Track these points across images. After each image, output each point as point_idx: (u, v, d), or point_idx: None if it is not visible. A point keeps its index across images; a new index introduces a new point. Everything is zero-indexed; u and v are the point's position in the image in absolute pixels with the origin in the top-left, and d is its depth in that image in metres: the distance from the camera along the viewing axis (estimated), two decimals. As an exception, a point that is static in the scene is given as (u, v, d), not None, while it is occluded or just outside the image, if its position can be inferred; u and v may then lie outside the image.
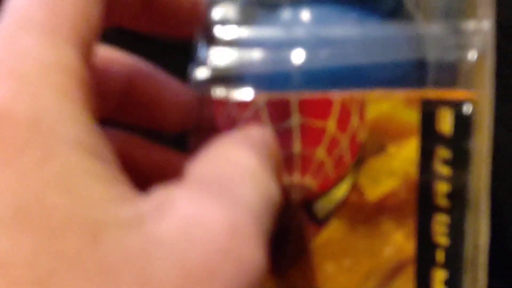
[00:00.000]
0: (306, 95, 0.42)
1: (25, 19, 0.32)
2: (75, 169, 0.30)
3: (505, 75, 0.60)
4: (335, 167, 0.42)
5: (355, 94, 0.42)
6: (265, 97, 0.42)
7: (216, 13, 0.43)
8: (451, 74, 0.41)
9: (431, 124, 0.41)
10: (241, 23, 0.43)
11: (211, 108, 0.42)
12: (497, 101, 0.60)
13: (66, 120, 0.30)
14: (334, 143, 0.42)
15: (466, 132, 0.41)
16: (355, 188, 0.43)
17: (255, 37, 0.43)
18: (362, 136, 0.42)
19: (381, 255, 0.43)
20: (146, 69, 0.44)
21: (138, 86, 0.44)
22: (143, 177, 0.39)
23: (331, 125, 0.42)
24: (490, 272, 0.61)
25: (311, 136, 0.42)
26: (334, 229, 0.43)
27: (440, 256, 0.42)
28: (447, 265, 0.42)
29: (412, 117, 0.42)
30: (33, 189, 0.29)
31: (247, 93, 0.42)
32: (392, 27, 0.42)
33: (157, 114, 0.44)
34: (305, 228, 0.43)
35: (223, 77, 0.42)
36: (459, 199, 0.42)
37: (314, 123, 0.42)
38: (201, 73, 0.42)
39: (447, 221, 0.42)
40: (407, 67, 0.42)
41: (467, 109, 0.41)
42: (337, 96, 0.42)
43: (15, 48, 0.31)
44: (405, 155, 0.42)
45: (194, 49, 0.43)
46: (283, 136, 0.42)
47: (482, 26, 0.41)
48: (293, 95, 0.42)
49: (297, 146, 0.42)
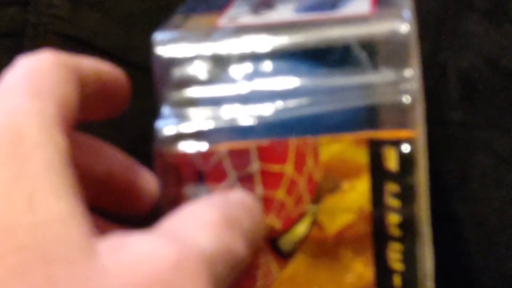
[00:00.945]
0: (264, 142, 0.46)
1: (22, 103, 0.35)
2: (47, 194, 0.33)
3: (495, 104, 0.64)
4: (295, 206, 0.46)
5: (309, 139, 0.46)
6: (226, 147, 0.46)
7: (176, 73, 0.47)
8: (393, 116, 0.45)
9: (379, 162, 0.45)
10: (200, 82, 0.47)
11: (175, 164, 0.46)
12: (484, 128, 0.64)
13: (46, 147, 0.34)
14: (292, 184, 0.46)
15: (410, 167, 0.45)
16: (315, 224, 0.46)
17: (213, 95, 0.46)
18: (317, 176, 0.46)
19: (343, 283, 0.47)
20: (124, 159, 0.48)
21: (117, 176, 0.47)
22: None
23: (288, 168, 0.46)
24: None
25: (271, 179, 0.46)
26: (299, 262, 0.47)
27: (397, 280, 0.46)
28: None
29: (361, 156, 0.46)
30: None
31: (209, 145, 0.46)
32: (341, 77, 0.46)
33: (132, 200, 0.48)
34: (273, 263, 0.47)
35: (186, 133, 0.46)
36: (409, 229, 0.46)
37: (273, 167, 0.46)
38: (166, 130, 0.46)
39: (401, 248, 0.46)
40: (355, 112, 0.46)
41: (408, 147, 0.45)
42: (292, 142, 0.46)
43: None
44: (358, 192, 0.46)
45: (158, 108, 0.46)
46: (246, 181, 0.46)
47: (414, 73, 0.45)
48: (251, 144, 0.46)
49: (259, 189, 0.46)
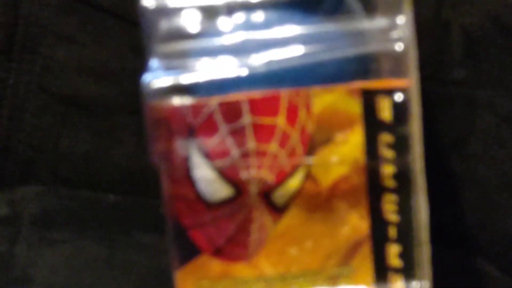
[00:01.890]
0: (255, 94, 0.45)
1: None
2: None
3: (498, 63, 0.63)
4: (289, 159, 0.46)
5: (301, 90, 0.45)
6: (216, 100, 0.45)
7: (164, 25, 0.46)
8: (386, 65, 0.44)
9: (372, 112, 0.45)
10: (188, 33, 0.46)
11: (165, 118, 0.45)
12: (487, 87, 0.64)
13: None
14: (285, 137, 0.45)
15: (403, 117, 0.44)
16: (309, 176, 0.46)
17: (203, 47, 0.46)
18: (310, 128, 0.45)
19: (339, 236, 0.47)
20: None
21: None
22: None
23: (281, 120, 0.45)
24: (481, 254, 0.65)
25: (263, 132, 0.45)
26: (294, 216, 0.47)
27: (392, 232, 0.46)
28: (399, 240, 0.46)
29: (355, 107, 0.45)
30: None
31: (199, 98, 0.45)
32: (333, 25, 0.46)
33: None
34: (267, 216, 0.47)
35: (176, 86, 0.45)
36: (404, 179, 0.45)
37: (265, 120, 0.45)
38: (155, 83, 0.45)
39: (396, 200, 0.45)
40: (348, 62, 0.45)
41: (402, 96, 0.44)
42: (284, 93, 0.45)
43: None
44: (352, 143, 0.45)
45: (147, 61, 0.46)
46: (238, 134, 0.45)
47: (407, 20, 0.44)
48: (242, 96, 0.45)
49: (251, 142, 0.45)
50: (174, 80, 0.45)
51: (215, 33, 0.46)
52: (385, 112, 0.44)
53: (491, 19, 0.63)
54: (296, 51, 0.45)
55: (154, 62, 0.46)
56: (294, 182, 0.46)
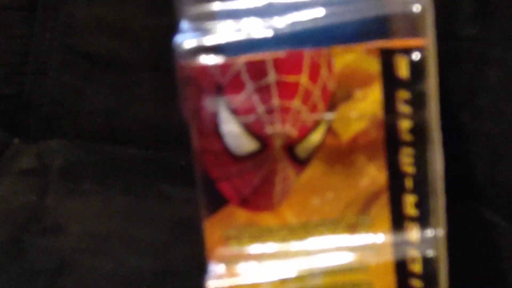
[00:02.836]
0: (279, 54, 0.47)
1: None
2: None
3: (509, 20, 0.64)
4: (311, 115, 0.48)
5: (323, 50, 0.47)
6: (243, 59, 0.47)
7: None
8: (404, 25, 0.47)
9: (390, 70, 0.47)
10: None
11: (195, 76, 0.48)
12: (497, 44, 0.65)
13: None
14: (307, 94, 0.48)
15: (420, 74, 0.47)
16: (330, 131, 0.49)
17: (231, 9, 0.48)
18: (331, 85, 0.48)
19: (358, 187, 0.49)
20: None
21: None
22: None
23: (303, 78, 0.48)
24: (489, 205, 0.67)
25: (287, 89, 0.48)
26: (315, 168, 0.49)
27: (409, 183, 0.49)
28: (415, 190, 0.49)
29: (373, 65, 0.47)
30: None
31: (227, 57, 0.48)
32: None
33: None
34: (290, 169, 0.49)
35: (205, 47, 0.48)
36: (420, 133, 0.48)
37: (289, 78, 0.48)
38: (186, 44, 0.48)
39: (412, 152, 0.48)
40: (367, 22, 0.47)
41: (419, 54, 0.46)
42: (307, 53, 0.47)
43: None
44: (371, 99, 0.48)
45: (177, 22, 0.48)
46: (263, 92, 0.48)
47: None
48: (267, 55, 0.47)
49: (275, 99, 0.48)
50: (204, 41, 0.47)
51: (242, -4, 0.48)
52: (402, 70, 0.47)
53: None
54: (317, 12, 0.47)
55: (184, 24, 0.48)
56: (316, 137, 0.49)
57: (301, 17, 0.47)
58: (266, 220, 0.50)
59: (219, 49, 0.48)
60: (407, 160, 0.48)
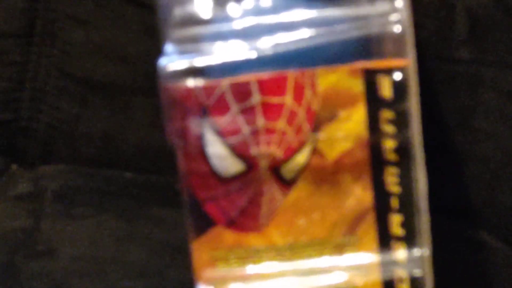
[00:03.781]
0: (263, 75, 0.48)
1: None
2: None
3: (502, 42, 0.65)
4: (296, 135, 0.49)
5: (306, 71, 0.48)
6: (227, 81, 0.48)
7: (178, 12, 0.49)
8: (386, 46, 0.47)
9: (374, 91, 0.47)
10: (201, 19, 0.49)
11: (180, 98, 0.48)
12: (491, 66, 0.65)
13: None
14: (292, 115, 0.48)
15: (403, 94, 0.47)
16: (315, 152, 0.49)
17: (214, 32, 0.49)
18: (316, 106, 0.48)
19: (344, 207, 0.50)
20: None
21: None
22: None
23: (288, 99, 0.48)
24: (484, 226, 0.67)
25: (272, 110, 0.48)
26: (301, 189, 0.50)
27: (394, 202, 0.49)
28: (401, 210, 0.49)
29: (357, 85, 0.48)
30: None
31: (211, 79, 0.48)
32: (336, 9, 0.48)
33: None
34: (276, 190, 0.50)
35: (190, 69, 0.48)
36: (404, 153, 0.48)
37: (273, 99, 0.48)
38: (170, 66, 0.48)
39: (397, 172, 0.48)
40: (350, 43, 0.48)
41: (401, 75, 0.47)
42: (291, 74, 0.48)
43: None
44: (355, 119, 0.48)
45: (162, 45, 0.49)
46: (248, 113, 0.48)
47: (405, 3, 0.47)
48: (251, 77, 0.48)
49: (260, 120, 0.48)
50: (188, 63, 0.48)
51: (226, 18, 0.49)
52: (385, 90, 0.47)
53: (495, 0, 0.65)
54: (301, 34, 0.48)
55: (169, 47, 0.48)
56: (302, 157, 0.49)
57: (285, 39, 0.48)
58: (253, 241, 0.50)
59: (203, 71, 0.48)
60: (392, 180, 0.49)
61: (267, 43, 0.48)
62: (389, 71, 0.47)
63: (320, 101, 0.48)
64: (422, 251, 0.49)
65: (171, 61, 0.48)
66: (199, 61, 0.48)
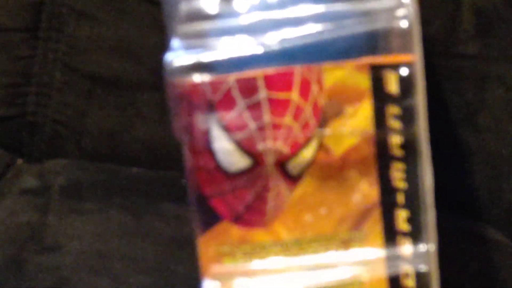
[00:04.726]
0: (270, 71, 0.48)
1: None
2: None
3: (509, 38, 0.65)
4: (302, 131, 0.49)
5: (313, 66, 0.48)
6: (234, 76, 0.48)
7: (185, 7, 0.49)
8: (392, 41, 0.47)
9: (380, 86, 0.47)
10: (207, 14, 0.49)
11: (187, 94, 0.48)
12: (498, 61, 0.65)
13: None
14: (299, 110, 0.48)
15: (409, 90, 0.47)
16: (321, 147, 0.49)
17: (221, 27, 0.49)
18: (322, 102, 0.48)
19: (350, 202, 0.50)
20: None
21: None
22: None
23: (294, 95, 0.48)
24: (490, 222, 0.67)
25: (278, 106, 0.48)
26: (308, 184, 0.50)
27: (400, 198, 0.49)
28: (407, 205, 0.49)
29: (363, 81, 0.48)
30: None
31: (218, 75, 0.48)
32: (343, 4, 0.48)
33: None
34: (282, 185, 0.50)
35: (196, 64, 0.48)
36: (411, 148, 0.48)
37: (280, 95, 0.48)
38: (177, 61, 0.48)
39: (403, 168, 0.48)
40: (357, 39, 0.48)
41: (407, 70, 0.47)
42: (297, 69, 0.48)
43: None
44: (361, 115, 0.48)
45: (168, 40, 0.49)
46: (254, 109, 0.48)
47: None
48: (258, 73, 0.48)
49: (267, 116, 0.48)
50: (195, 58, 0.48)
51: (232, 13, 0.49)
52: (392, 85, 0.47)
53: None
54: (308, 29, 0.48)
55: (175, 42, 0.48)
56: (308, 153, 0.49)
57: (291, 34, 0.48)
58: (260, 236, 0.50)
59: (210, 67, 0.48)
60: (398, 175, 0.49)
61: (273, 39, 0.48)
62: (396, 67, 0.47)
63: (327, 96, 0.48)
64: (428, 246, 0.49)
65: (177, 56, 0.48)
66: (205, 57, 0.48)
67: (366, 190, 0.49)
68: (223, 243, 0.51)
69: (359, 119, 0.48)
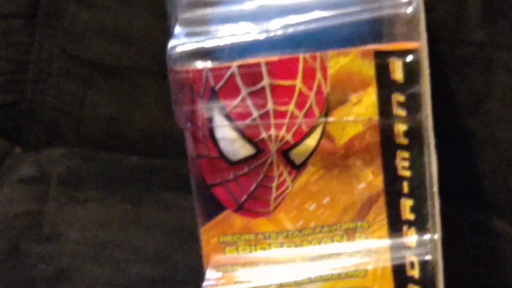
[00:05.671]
0: (273, 58, 0.47)
1: None
2: None
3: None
4: (306, 119, 0.48)
5: (317, 53, 0.47)
6: (237, 63, 0.47)
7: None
8: (398, 28, 0.46)
9: (385, 73, 0.47)
10: (211, 1, 0.48)
11: (189, 81, 0.48)
12: (505, 48, 0.64)
13: None
14: (302, 98, 0.48)
15: (414, 77, 0.46)
16: (325, 135, 0.48)
17: (224, 14, 0.48)
18: (326, 89, 0.48)
19: (354, 191, 0.49)
20: None
21: None
22: None
23: (298, 83, 0.47)
24: (497, 212, 0.66)
25: (282, 93, 0.48)
26: (311, 173, 0.49)
27: (405, 187, 0.48)
28: (412, 194, 0.48)
29: (368, 68, 0.47)
30: None
31: (221, 62, 0.47)
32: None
33: None
34: (286, 174, 0.49)
35: (199, 51, 0.47)
36: (416, 137, 0.47)
37: (283, 82, 0.47)
38: (179, 48, 0.48)
39: (408, 156, 0.48)
40: (361, 25, 0.47)
41: (412, 57, 0.46)
42: (301, 57, 0.47)
43: None
44: (366, 103, 0.47)
45: (169, 26, 0.48)
46: (258, 96, 0.47)
47: None
48: (261, 60, 0.47)
49: (270, 104, 0.48)
50: (197, 45, 0.47)
51: (235, 0, 0.48)
52: (397, 73, 0.47)
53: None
54: (312, 16, 0.47)
55: (177, 29, 0.48)
56: (311, 141, 0.48)
57: (295, 21, 0.47)
58: (263, 226, 0.50)
59: (212, 54, 0.47)
60: (403, 164, 0.48)
61: (277, 25, 0.47)
62: (401, 54, 0.46)
63: (331, 84, 0.47)
64: (433, 236, 0.49)
65: (179, 43, 0.47)
66: (208, 43, 0.47)
67: (371, 179, 0.49)
68: (226, 232, 0.50)
69: (363, 106, 0.48)
